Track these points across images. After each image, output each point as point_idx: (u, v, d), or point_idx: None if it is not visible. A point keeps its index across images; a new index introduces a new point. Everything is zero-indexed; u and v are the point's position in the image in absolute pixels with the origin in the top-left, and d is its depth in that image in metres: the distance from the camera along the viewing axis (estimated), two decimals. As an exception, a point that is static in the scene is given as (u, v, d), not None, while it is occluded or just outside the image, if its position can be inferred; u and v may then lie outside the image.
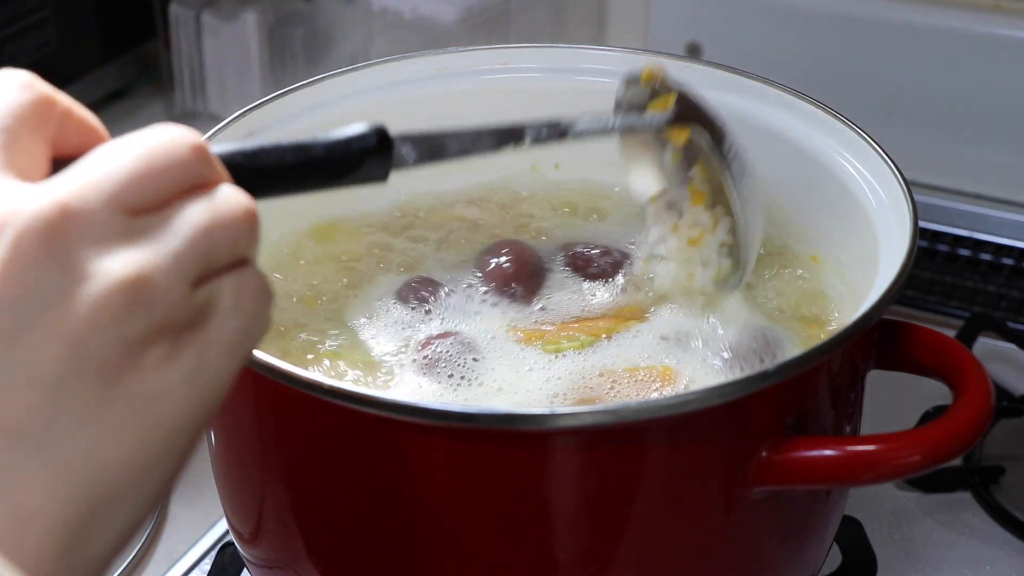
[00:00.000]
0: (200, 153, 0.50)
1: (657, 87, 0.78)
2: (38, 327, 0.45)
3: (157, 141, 0.49)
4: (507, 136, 0.69)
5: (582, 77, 0.90)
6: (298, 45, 1.30)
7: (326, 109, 0.86)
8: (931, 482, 0.93)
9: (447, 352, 0.76)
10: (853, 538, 0.87)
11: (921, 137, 1.26)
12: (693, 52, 1.32)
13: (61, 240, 0.46)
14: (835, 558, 0.85)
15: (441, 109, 0.89)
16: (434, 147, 0.64)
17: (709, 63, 0.89)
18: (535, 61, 0.91)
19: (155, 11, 1.36)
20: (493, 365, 0.76)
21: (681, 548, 0.68)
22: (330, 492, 0.69)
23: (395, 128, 0.60)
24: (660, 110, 0.78)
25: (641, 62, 0.89)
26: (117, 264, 0.46)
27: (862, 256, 0.77)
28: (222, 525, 0.91)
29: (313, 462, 0.68)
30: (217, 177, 0.50)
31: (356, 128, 0.58)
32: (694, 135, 0.78)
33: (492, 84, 0.90)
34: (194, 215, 0.49)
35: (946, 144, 1.26)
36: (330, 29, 1.30)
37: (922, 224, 0.73)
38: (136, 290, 0.46)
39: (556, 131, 0.71)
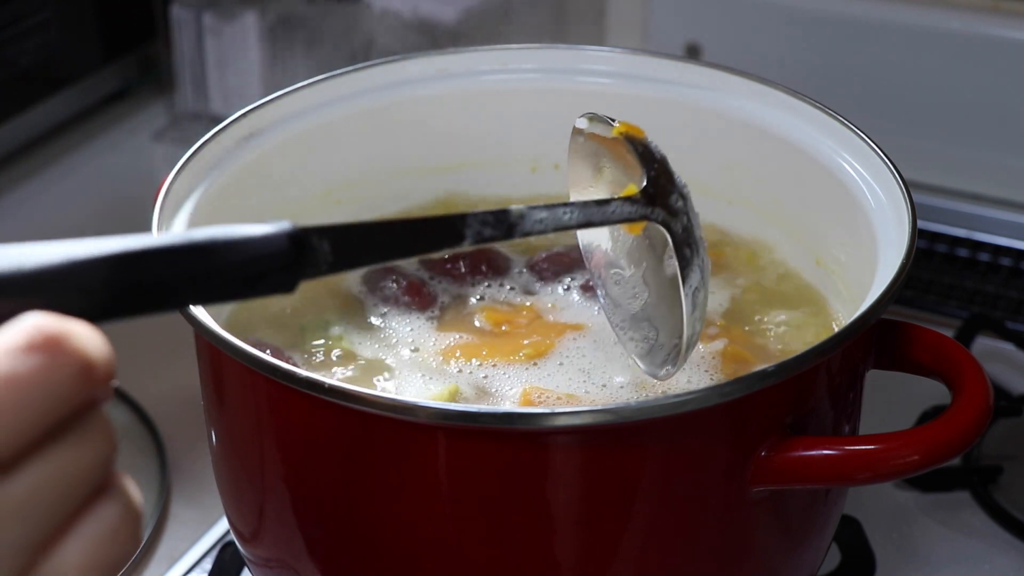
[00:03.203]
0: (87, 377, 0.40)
1: (627, 144, 0.70)
2: None
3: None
4: (444, 237, 0.61)
5: (582, 77, 0.90)
6: (298, 45, 1.30)
7: (326, 109, 0.86)
8: (930, 482, 0.93)
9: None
10: (852, 537, 0.87)
11: (920, 138, 1.26)
12: (693, 52, 1.32)
13: None
14: (834, 557, 0.85)
15: (441, 110, 0.89)
16: (356, 248, 0.55)
17: (709, 63, 0.89)
18: (535, 61, 0.91)
19: (156, 12, 1.36)
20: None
21: (680, 547, 0.68)
22: (330, 492, 0.69)
23: (391, 129, 0.57)
24: (627, 197, 0.68)
25: (639, 62, 0.89)
26: None
27: (861, 256, 0.77)
28: (223, 524, 0.91)
29: (313, 462, 0.69)
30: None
31: (260, 229, 0.48)
32: (652, 229, 0.71)
33: (492, 84, 0.90)
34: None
35: (945, 145, 1.26)
36: (330, 29, 1.30)
37: (921, 225, 0.73)
38: None
39: (502, 228, 0.63)
